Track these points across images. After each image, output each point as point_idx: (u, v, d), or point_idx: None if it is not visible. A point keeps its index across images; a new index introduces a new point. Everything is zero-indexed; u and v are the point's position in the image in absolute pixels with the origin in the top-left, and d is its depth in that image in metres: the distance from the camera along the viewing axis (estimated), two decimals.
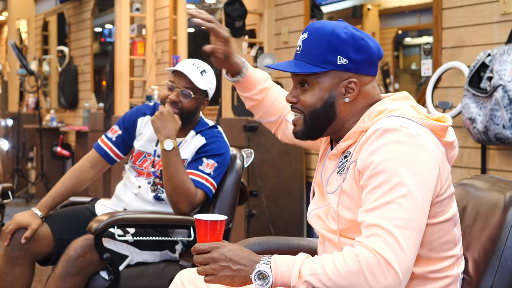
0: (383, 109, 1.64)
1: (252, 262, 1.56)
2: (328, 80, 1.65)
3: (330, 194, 1.69)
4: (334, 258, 1.51)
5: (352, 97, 1.66)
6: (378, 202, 1.51)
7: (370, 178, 1.53)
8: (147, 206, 2.85)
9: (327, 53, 1.64)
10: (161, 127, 2.71)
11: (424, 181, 1.51)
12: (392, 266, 1.45)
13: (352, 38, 1.64)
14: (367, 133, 1.59)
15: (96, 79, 8.70)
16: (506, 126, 3.21)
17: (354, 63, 1.64)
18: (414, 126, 1.57)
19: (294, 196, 4.86)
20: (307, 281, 1.49)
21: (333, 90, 1.66)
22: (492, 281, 1.60)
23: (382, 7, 5.85)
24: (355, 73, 1.65)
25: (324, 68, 1.64)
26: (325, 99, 1.66)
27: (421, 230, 1.51)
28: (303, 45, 1.68)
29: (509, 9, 3.48)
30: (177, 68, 2.78)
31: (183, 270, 1.91)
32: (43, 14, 9.92)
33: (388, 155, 1.52)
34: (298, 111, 1.71)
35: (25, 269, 2.73)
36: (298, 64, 1.67)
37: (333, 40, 1.63)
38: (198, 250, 1.59)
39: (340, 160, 1.69)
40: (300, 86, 1.70)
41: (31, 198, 8.16)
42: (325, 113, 1.67)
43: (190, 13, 1.94)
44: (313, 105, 1.67)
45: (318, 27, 1.67)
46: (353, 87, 1.65)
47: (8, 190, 3.15)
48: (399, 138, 1.53)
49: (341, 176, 1.65)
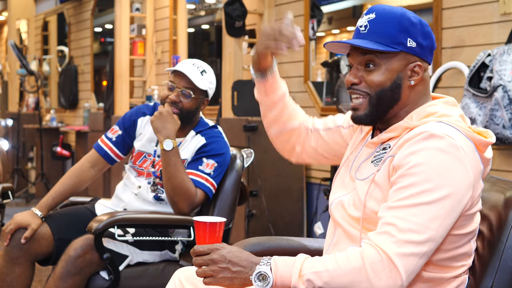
0: (434, 111, 1.62)
1: (252, 264, 1.55)
2: (397, 61, 1.64)
3: (358, 181, 1.67)
4: (336, 256, 1.51)
5: (417, 80, 1.65)
6: (402, 202, 1.50)
7: (401, 177, 1.52)
8: (147, 206, 2.85)
9: (399, 34, 1.62)
10: (161, 127, 2.71)
11: (454, 196, 1.50)
12: (396, 265, 1.45)
13: (420, 23, 1.64)
14: (412, 132, 1.57)
15: (96, 79, 8.70)
16: (506, 126, 3.21)
17: (421, 48, 1.64)
18: (460, 138, 1.54)
19: (294, 196, 4.86)
20: (308, 280, 1.49)
21: (400, 72, 1.64)
22: (492, 281, 1.60)
23: None
24: (420, 57, 1.65)
25: (395, 48, 1.62)
26: (393, 80, 1.64)
27: (436, 241, 1.49)
28: (371, 25, 1.64)
29: (509, 9, 3.48)
30: (177, 68, 2.78)
31: (181, 269, 1.90)
32: (43, 14, 9.92)
33: (426, 160, 1.50)
34: (360, 93, 1.67)
35: (25, 269, 2.73)
36: (370, 42, 1.63)
37: (404, 22, 1.63)
38: (197, 252, 1.59)
39: (377, 150, 1.67)
40: (364, 67, 1.66)
41: (31, 198, 8.16)
42: (392, 94, 1.65)
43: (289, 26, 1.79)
44: (381, 85, 1.64)
45: (386, 8, 1.65)
46: (418, 71, 1.64)
47: (8, 190, 3.14)
48: (442, 147, 1.51)
49: (375, 166, 1.64)
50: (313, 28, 5.08)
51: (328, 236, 1.78)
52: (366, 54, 1.64)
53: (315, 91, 5.06)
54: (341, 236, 1.70)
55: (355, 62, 1.67)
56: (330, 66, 4.88)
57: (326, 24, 6.08)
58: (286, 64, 5.32)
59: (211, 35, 7.82)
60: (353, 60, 1.68)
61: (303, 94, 5.14)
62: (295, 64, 5.23)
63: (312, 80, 5.16)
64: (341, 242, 1.69)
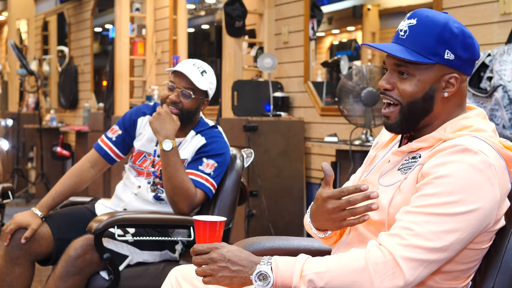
0: (468, 125, 1.59)
1: (252, 263, 1.54)
2: (432, 73, 1.59)
3: (383, 187, 1.64)
4: (339, 256, 1.50)
5: (451, 92, 1.61)
6: (421, 209, 1.48)
7: (427, 184, 1.50)
8: (147, 206, 2.85)
9: (437, 45, 1.57)
10: (160, 127, 2.71)
11: (476, 214, 1.48)
12: (401, 267, 1.44)
13: (463, 34, 1.59)
14: (445, 143, 1.54)
15: (96, 79, 8.70)
16: (506, 126, 3.21)
17: (460, 60, 1.59)
18: (493, 156, 1.52)
19: (294, 196, 4.86)
20: (310, 280, 1.48)
21: (434, 83, 1.60)
22: (493, 283, 1.59)
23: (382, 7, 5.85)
24: (457, 70, 1.60)
25: (431, 60, 1.57)
26: (426, 91, 1.60)
27: (447, 254, 1.48)
28: (410, 31, 1.60)
29: (509, 9, 3.48)
30: (177, 69, 2.78)
31: (177, 267, 1.88)
32: (43, 14, 9.92)
33: (455, 173, 1.48)
34: (392, 100, 1.63)
35: (25, 269, 2.73)
36: (404, 51, 1.59)
37: (445, 33, 1.58)
38: (197, 251, 1.58)
39: (406, 159, 1.64)
40: (398, 73, 1.62)
41: (31, 198, 8.16)
42: (424, 105, 1.61)
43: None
44: (413, 95, 1.60)
45: (429, 15, 1.59)
46: (453, 83, 1.60)
47: (8, 190, 3.14)
48: (474, 163, 1.48)
49: (402, 174, 1.61)
50: (313, 28, 5.08)
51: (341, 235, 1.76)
52: (401, 62, 1.60)
53: (315, 91, 5.06)
54: (354, 238, 1.68)
55: (390, 67, 1.64)
56: (330, 66, 4.89)
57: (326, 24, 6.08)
58: (286, 64, 5.32)
59: (211, 35, 7.82)
60: (388, 63, 1.64)
61: (303, 94, 5.14)
62: (295, 64, 5.22)
63: (312, 80, 5.16)
64: (354, 243, 1.67)
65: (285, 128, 4.88)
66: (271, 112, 4.99)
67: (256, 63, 5.20)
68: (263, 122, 4.79)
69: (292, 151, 4.83)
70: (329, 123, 4.87)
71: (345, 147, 4.04)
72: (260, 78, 5.39)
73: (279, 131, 4.85)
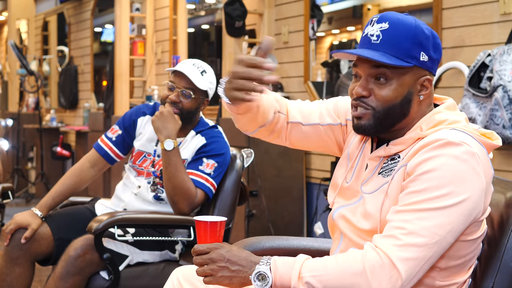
0: (443, 119, 1.58)
1: (251, 263, 1.55)
2: (409, 76, 1.57)
3: (367, 194, 1.63)
4: (337, 258, 1.50)
5: (426, 95, 1.60)
6: (411, 206, 1.48)
7: (414, 181, 1.50)
8: (147, 206, 2.85)
9: (412, 48, 1.56)
10: (162, 127, 2.71)
11: (466, 204, 1.48)
12: (398, 269, 1.44)
13: (432, 35, 1.59)
14: (425, 139, 1.53)
15: (96, 79, 8.70)
16: (506, 126, 3.21)
17: (432, 62, 1.59)
18: (475, 144, 1.52)
19: (294, 196, 4.86)
20: (308, 283, 1.48)
21: (411, 87, 1.59)
22: (492, 282, 1.59)
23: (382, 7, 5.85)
24: (429, 71, 1.60)
25: (409, 63, 1.56)
26: (404, 95, 1.58)
27: (442, 247, 1.48)
28: (383, 35, 1.57)
29: (509, 9, 3.48)
30: (177, 68, 2.78)
31: (179, 268, 1.89)
32: (43, 14, 9.92)
33: (441, 167, 1.48)
34: (366, 106, 1.60)
35: (25, 269, 2.73)
36: (382, 55, 1.55)
37: (418, 35, 1.56)
38: (197, 251, 1.59)
39: (385, 162, 1.63)
40: (374, 79, 1.59)
41: (31, 198, 8.16)
42: (401, 110, 1.59)
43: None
44: (391, 101, 1.58)
45: (400, 18, 1.58)
46: (427, 85, 1.60)
47: (8, 190, 3.14)
48: (458, 154, 1.48)
49: (384, 177, 1.60)
50: (313, 28, 5.08)
51: (334, 241, 1.75)
52: (379, 67, 1.57)
53: (315, 91, 5.06)
54: (349, 245, 1.67)
55: (364, 73, 1.59)
56: (330, 66, 4.89)
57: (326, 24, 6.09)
58: (286, 64, 5.32)
59: (211, 35, 7.82)
60: (361, 71, 1.60)
61: (303, 94, 5.14)
62: (295, 64, 5.22)
63: (312, 80, 5.16)
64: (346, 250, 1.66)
65: None
66: None
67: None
68: None
69: (292, 151, 4.83)
70: None
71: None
72: None
73: None
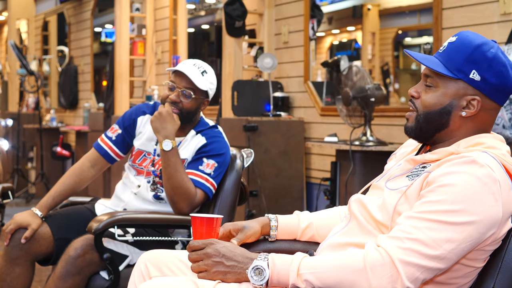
0: (482, 142, 1.62)
1: (247, 259, 1.56)
2: (454, 88, 1.64)
3: (389, 190, 1.66)
4: (337, 256, 1.50)
5: (469, 113, 1.64)
6: (423, 215, 1.49)
7: (431, 191, 1.52)
8: (147, 206, 2.85)
9: (465, 63, 1.62)
10: (160, 127, 2.71)
11: (477, 226, 1.49)
12: (398, 270, 1.44)
13: (495, 60, 1.62)
14: (454, 155, 1.57)
15: (96, 79, 8.70)
16: (506, 126, 3.21)
17: (486, 84, 1.62)
18: (500, 173, 1.54)
19: (294, 196, 4.86)
20: (307, 280, 1.48)
21: (455, 99, 1.64)
22: (493, 283, 1.59)
23: (382, 7, 5.85)
24: (482, 93, 1.63)
25: (455, 75, 1.63)
26: (444, 105, 1.65)
27: (444, 263, 1.49)
28: (448, 47, 1.67)
29: (509, 9, 3.48)
30: (177, 68, 2.78)
31: (146, 252, 1.88)
32: (43, 14, 9.92)
33: (460, 183, 1.49)
34: (413, 107, 1.70)
35: (25, 269, 2.73)
36: (435, 62, 1.66)
37: (476, 54, 1.62)
38: (192, 247, 1.59)
39: (416, 167, 1.67)
40: (425, 83, 1.69)
41: (31, 198, 8.16)
42: (439, 119, 1.66)
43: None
44: (431, 106, 1.66)
45: (469, 36, 1.66)
46: (474, 105, 1.63)
47: (8, 190, 3.14)
48: (480, 175, 1.50)
49: (409, 181, 1.64)
50: (313, 28, 5.08)
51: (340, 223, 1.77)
52: (431, 73, 1.67)
53: (315, 91, 5.06)
54: (354, 227, 1.69)
55: (422, 76, 1.70)
56: (330, 66, 4.89)
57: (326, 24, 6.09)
58: (286, 64, 5.32)
59: (211, 35, 7.82)
60: (423, 74, 1.71)
61: (303, 94, 5.14)
62: (295, 64, 5.23)
63: (312, 80, 5.16)
64: (353, 233, 1.68)
65: (285, 128, 4.88)
66: (271, 112, 4.99)
67: (256, 63, 5.20)
68: (263, 122, 4.79)
69: (292, 151, 4.84)
70: (329, 123, 4.88)
71: (345, 147, 4.04)
72: (260, 78, 5.39)
73: (279, 131, 4.85)
